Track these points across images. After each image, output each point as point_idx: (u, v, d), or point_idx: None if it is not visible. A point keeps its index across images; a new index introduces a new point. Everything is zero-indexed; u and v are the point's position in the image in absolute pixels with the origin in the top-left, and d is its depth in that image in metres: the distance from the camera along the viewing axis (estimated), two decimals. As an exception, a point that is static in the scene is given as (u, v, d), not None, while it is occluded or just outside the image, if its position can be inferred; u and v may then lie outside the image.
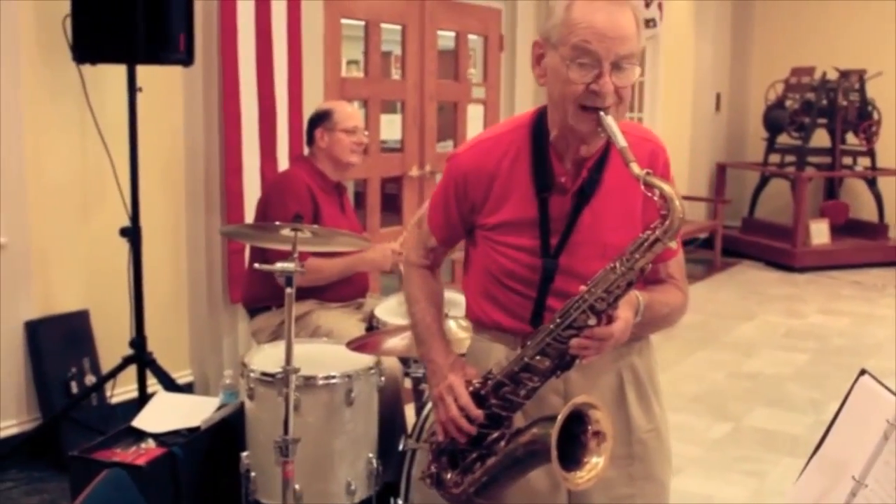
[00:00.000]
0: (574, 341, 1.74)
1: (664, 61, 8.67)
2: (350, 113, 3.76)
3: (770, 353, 5.88)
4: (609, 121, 1.73)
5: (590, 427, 1.79)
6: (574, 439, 1.79)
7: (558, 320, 1.77)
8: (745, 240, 9.19)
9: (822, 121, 8.94)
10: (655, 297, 1.90)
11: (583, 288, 1.74)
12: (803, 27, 9.57)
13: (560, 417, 1.74)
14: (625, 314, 1.77)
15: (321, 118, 3.73)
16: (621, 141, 1.71)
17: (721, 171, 9.62)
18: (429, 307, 2.09)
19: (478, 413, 1.89)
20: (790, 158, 9.22)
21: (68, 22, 3.62)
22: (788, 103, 9.11)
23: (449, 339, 2.62)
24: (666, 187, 1.67)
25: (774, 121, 9.13)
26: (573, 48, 1.75)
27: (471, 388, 1.93)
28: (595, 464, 1.78)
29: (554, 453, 1.71)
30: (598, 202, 1.88)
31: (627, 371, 2.00)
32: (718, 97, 9.89)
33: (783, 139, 9.22)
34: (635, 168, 1.68)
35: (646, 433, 2.01)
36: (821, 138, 9.02)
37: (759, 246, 9.00)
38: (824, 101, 8.86)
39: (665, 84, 8.74)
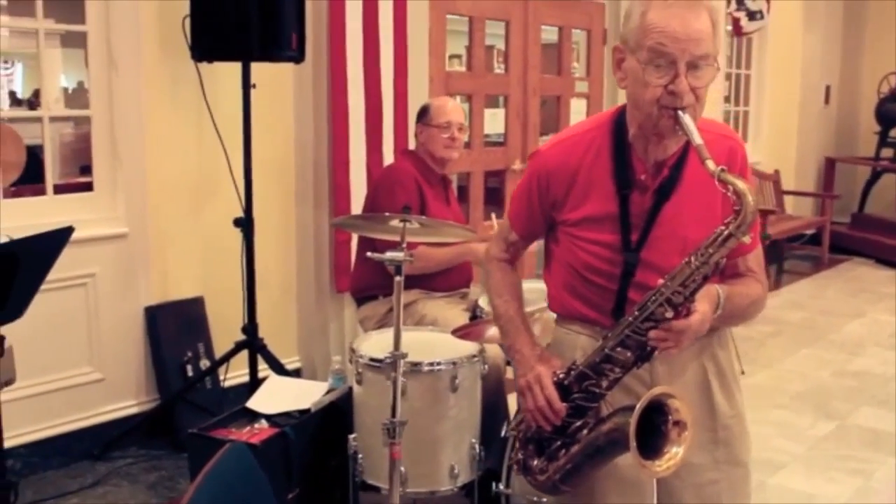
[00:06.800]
0: (652, 333, 1.81)
1: (771, 53, 8.50)
2: (445, 109, 3.79)
3: (878, 352, 5.73)
4: (686, 119, 1.79)
5: (670, 417, 1.83)
6: (655, 430, 1.83)
7: (637, 312, 1.83)
8: (855, 236, 8.93)
9: (938, 114, 8.67)
10: (736, 290, 1.95)
11: (660, 281, 1.80)
12: (919, 17, 9.27)
13: (638, 407, 1.78)
14: (702, 307, 1.82)
15: (420, 114, 3.84)
16: (697, 138, 1.77)
17: (830, 165, 9.38)
18: (511, 300, 2.16)
19: (560, 406, 1.95)
20: (903, 152, 8.97)
21: (187, 22, 3.76)
22: (902, 96, 8.85)
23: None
24: (739, 183, 1.72)
25: (887, 114, 8.88)
26: (649, 51, 1.81)
27: (555, 379, 1.99)
28: (675, 453, 1.82)
29: (633, 443, 1.75)
30: (677, 199, 1.93)
31: (710, 362, 2.05)
32: (828, 90, 9.64)
33: (896, 133, 8.96)
34: (710, 165, 1.74)
35: (730, 419, 2.07)
36: (936, 132, 8.74)
37: (869, 242, 8.74)
38: (940, 94, 8.58)
39: (772, 76, 8.57)
